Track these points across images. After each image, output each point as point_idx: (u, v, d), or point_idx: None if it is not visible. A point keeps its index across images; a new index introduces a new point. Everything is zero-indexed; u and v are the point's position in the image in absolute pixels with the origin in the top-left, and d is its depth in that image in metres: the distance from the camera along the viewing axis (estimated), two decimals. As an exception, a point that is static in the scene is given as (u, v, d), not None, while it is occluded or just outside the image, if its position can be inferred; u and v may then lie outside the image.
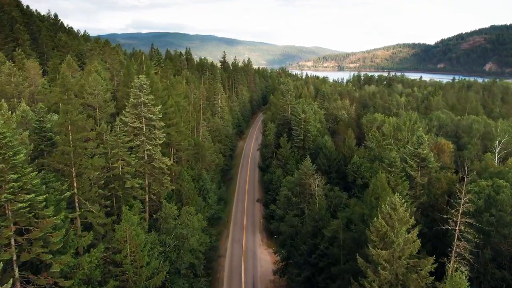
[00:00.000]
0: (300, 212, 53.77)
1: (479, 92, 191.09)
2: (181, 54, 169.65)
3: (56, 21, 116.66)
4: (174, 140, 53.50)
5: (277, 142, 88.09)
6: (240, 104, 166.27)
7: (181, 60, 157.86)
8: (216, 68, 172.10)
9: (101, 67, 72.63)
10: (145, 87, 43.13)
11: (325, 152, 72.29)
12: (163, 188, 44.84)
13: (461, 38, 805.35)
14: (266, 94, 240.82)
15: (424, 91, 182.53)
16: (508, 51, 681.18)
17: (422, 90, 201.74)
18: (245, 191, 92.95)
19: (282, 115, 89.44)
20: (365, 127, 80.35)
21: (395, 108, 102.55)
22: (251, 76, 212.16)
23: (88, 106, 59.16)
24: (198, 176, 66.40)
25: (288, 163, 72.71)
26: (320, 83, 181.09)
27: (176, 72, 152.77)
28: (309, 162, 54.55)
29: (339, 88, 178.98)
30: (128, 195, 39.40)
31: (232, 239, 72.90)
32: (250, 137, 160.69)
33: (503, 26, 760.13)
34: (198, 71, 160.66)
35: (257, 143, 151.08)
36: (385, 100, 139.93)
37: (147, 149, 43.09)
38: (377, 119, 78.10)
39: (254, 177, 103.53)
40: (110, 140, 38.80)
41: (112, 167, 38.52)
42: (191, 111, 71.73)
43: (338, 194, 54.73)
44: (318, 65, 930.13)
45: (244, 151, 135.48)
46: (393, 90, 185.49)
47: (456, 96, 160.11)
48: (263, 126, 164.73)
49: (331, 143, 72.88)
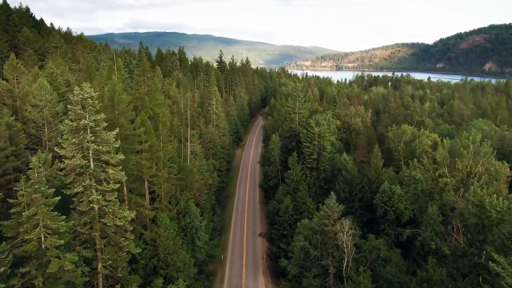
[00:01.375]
0: (322, 270, 38.14)
1: (494, 94, 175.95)
2: (174, 54, 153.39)
3: (27, 14, 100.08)
4: (147, 172, 37.70)
5: (282, 158, 72.32)
6: (238, 107, 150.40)
7: (173, 60, 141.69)
8: (212, 69, 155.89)
9: (64, 69, 56.59)
10: (91, 102, 27.29)
11: (345, 175, 56.69)
12: (122, 255, 29.01)
13: (460, 37, 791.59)
14: (266, 95, 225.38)
15: (437, 93, 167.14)
16: (508, 51, 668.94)
17: (435, 92, 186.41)
18: (244, 217, 77.06)
19: (288, 126, 73.52)
20: (391, 141, 64.58)
21: (418, 116, 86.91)
22: (250, 77, 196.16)
23: (33, 123, 43.24)
24: (184, 210, 50.66)
25: (299, 188, 57.04)
26: (325, 85, 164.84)
27: (167, 73, 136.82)
28: (333, 200, 38.81)
29: (346, 91, 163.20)
30: (55, 282, 23.60)
31: (228, 283, 57.29)
32: (249, 144, 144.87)
33: (502, 25, 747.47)
34: (191, 72, 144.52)
35: (257, 151, 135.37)
36: (403, 104, 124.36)
37: (93, 200, 27.26)
38: (406, 132, 62.40)
39: (254, 198, 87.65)
40: (24, 193, 23.03)
41: (25, 239, 22.74)
42: (176, 124, 55.98)
43: (373, 244, 39.14)
44: (316, 65, 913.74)
45: (243, 162, 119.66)
46: (403, 92, 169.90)
47: (473, 99, 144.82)
48: (263, 132, 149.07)
49: (352, 164, 57.33)
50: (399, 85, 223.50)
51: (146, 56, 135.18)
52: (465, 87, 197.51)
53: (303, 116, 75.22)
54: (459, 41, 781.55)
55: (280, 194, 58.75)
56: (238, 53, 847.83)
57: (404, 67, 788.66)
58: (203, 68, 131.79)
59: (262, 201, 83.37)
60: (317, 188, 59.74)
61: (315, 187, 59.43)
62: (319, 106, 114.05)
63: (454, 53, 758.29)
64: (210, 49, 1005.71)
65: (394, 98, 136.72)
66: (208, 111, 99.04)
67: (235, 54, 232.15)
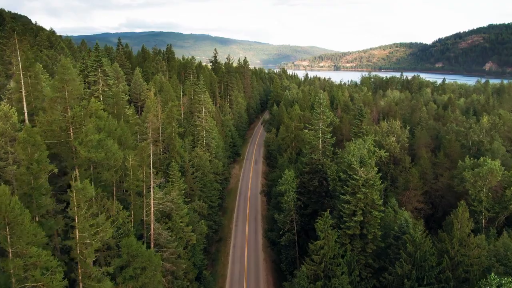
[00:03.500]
0: None
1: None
2: (160, 53, 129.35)
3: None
4: None
5: (299, 203, 49.00)
6: (235, 115, 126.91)
7: (158, 60, 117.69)
8: (205, 70, 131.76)
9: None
10: None
11: (409, 250, 33.84)
12: None
13: (459, 37, 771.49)
14: (266, 100, 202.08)
15: (462, 99, 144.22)
16: (509, 50, 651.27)
17: (457, 95, 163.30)
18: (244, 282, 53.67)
19: (307, 157, 49.99)
20: (470, 187, 41.44)
21: (476, 135, 63.64)
22: (248, 79, 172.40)
23: None
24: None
25: (334, 272, 33.99)
26: (336, 89, 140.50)
27: (151, 76, 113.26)
28: None
29: (358, 95, 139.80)
30: None
31: None
32: (248, 158, 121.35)
33: (501, 25, 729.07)
34: (180, 75, 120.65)
35: (258, 168, 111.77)
36: (452, 120, 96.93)
37: None
38: (494, 172, 39.41)
39: (256, 246, 64.28)
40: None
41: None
42: (132, 166, 32.76)
43: None
44: (313, 65, 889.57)
45: (241, 186, 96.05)
46: (422, 97, 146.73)
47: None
48: (264, 145, 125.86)
49: (421, 235, 34.34)
50: (410, 87, 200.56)
51: (125, 55, 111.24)
52: (486, 90, 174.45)
53: (326, 138, 52.06)
54: (458, 40, 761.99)
55: (300, 279, 35.40)
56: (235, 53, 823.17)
57: (402, 67, 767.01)
58: (193, 70, 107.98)
59: (270, 257, 59.98)
60: (362, 269, 36.48)
61: (359, 267, 36.17)
62: (337, 120, 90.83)
63: (453, 53, 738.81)
64: (207, 49, 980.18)
65: (420, 105, 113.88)
66: (197, 127, 75.54)
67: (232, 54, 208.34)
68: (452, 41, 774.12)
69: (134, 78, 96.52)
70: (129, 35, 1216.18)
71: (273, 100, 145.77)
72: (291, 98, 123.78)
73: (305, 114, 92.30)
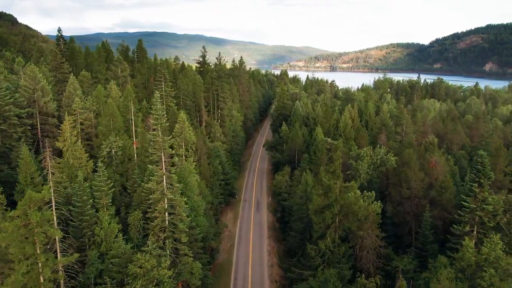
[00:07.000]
0: None
1: None
2: (123, 50, 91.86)
3: None
4: None
5: None
6: (229, 136, 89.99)
7: (118, 61, 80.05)
8: (189, 73, 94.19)
9: None
10: None
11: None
12: None
13: (457, 37, 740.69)
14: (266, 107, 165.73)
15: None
16: (509, 51, 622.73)
17: (500, 105, 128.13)
18: None
19: None
20: None
21: None
22: (245, 83, 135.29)
23: None
24: None
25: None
26: (363, 98, 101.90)
27: (102, 83, 75.97)
28: None
29: (386, 107, 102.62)
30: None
31: None
32: (246, 200, 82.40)
33: (499, 25, 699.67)
34: (147, 82, 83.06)
35: (261, 217, 74.54)
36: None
37: None
38: None
39: None
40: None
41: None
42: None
43: None
44: (309, 65, 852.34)
45: (236, 259, 59.20)
46: (470, 108, 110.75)
47: None
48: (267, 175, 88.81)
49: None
50: (436, 94, 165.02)
51: (64, 52, 73.47)
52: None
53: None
54: (456, 41, 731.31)
55: None
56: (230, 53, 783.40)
57: (400, 68, 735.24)
58: (164, 74, 70.58)
59: None
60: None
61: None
62: (391, 158, 54.19)
63: (451, 53, 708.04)
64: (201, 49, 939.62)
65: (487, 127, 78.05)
66: (170, 177, 38.01)
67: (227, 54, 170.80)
68: (450, 41, 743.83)
69: (68, 88, 59.24)
70: (122, 35, 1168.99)
71: (278, 113, 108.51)
72: (305, 114, 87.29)
73: (339, 145, 54.74)
